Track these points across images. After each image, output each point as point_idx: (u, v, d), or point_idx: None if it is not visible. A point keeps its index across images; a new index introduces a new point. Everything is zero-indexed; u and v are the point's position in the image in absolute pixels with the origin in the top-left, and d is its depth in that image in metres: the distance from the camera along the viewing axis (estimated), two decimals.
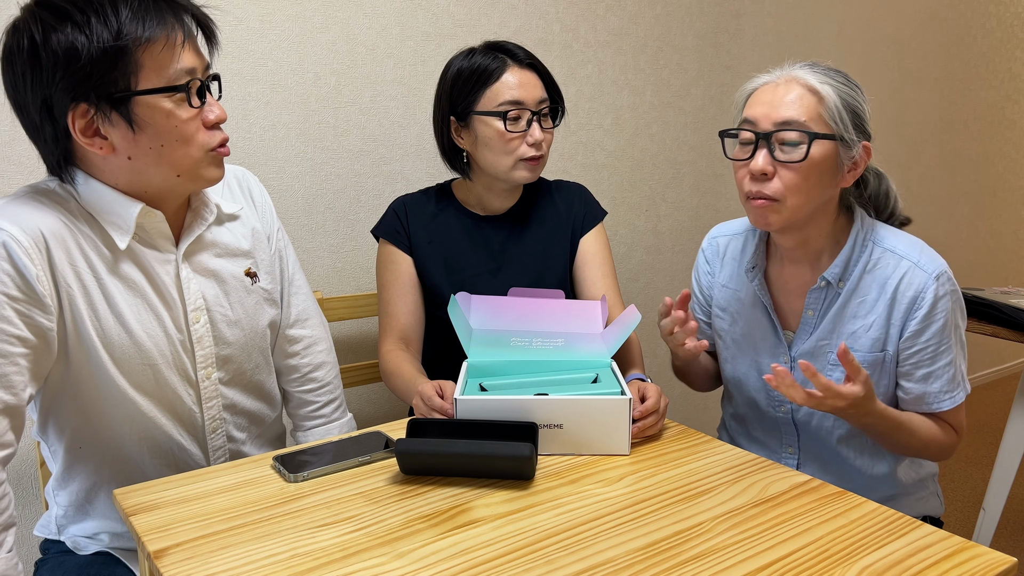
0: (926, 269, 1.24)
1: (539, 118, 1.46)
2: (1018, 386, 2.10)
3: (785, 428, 1.38)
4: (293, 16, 1.73)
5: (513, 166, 1.46)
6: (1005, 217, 3.74)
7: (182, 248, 1.12)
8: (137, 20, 0.95)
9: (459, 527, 0.96)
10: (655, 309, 2.51)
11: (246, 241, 1.22)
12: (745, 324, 1.39)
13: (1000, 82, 3.52)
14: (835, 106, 1.19)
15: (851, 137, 1.21)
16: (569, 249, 1.58)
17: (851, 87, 1.22)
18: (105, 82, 0.96)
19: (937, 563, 0.89)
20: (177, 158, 1.04)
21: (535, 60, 1.48)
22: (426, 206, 1.57)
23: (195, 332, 1.12)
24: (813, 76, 1.22)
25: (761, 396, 1.39)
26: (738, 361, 1.41)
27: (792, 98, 1.21)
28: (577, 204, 1.60)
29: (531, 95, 1.45)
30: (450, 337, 1.42)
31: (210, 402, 1.18)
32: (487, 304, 1.38)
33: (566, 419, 1.15)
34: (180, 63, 1.00)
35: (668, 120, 2.43)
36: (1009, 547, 2.42)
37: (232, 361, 1.19)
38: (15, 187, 1.48)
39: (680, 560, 0.89)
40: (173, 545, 0.92)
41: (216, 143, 1.06)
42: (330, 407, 1.41)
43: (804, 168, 1.19)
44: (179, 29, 1.00)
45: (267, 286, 1.25)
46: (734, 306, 1.41)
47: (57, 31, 0.93)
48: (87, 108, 0.97)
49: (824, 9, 2.74)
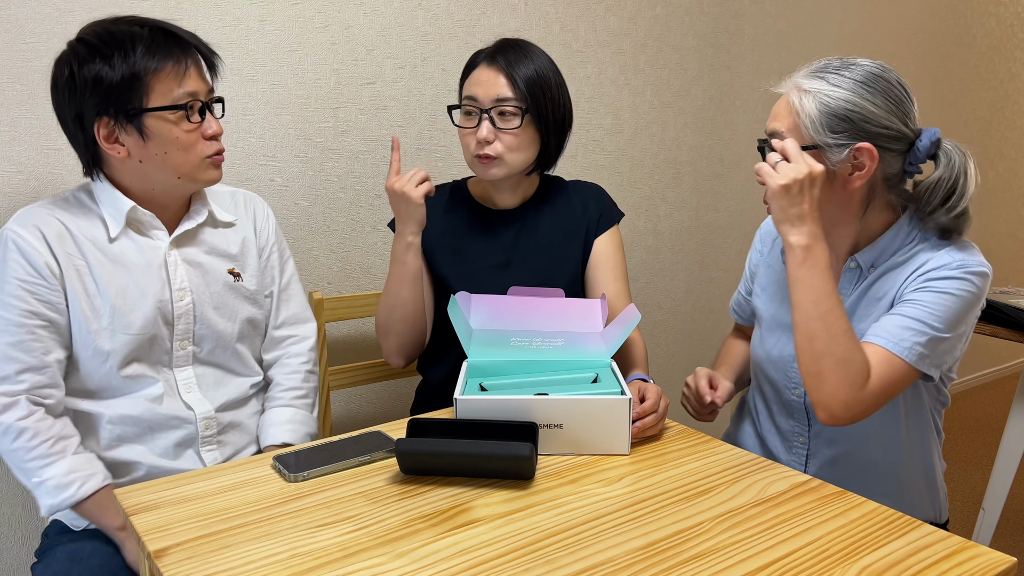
0: (955, 257, 1.20)
1: (490, 117, 1.44)
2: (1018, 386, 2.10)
3: (798, 415, 1.38)
4: (293, 16, 1.73)
5: (471, 161, 1.48)
6: (1005, 217, 3.74)
7: (171, 238, 1.33)
8: (149, 55, 1.20)
9: (459, 527, 0.96)
10: (655, 309, 2.51)
11: (235, 247, 1.41)
12: (780, 305, 1.39)
13: (1000, 82, 3.52)
14: (812, 113, 1.19)
15: (835, 143, 1.18)
16: (582, 249, 1.57)
17: (848, 91, 1.19)
18: (122, 101, 1.20)
19: (937, 563, 0.89)
20: (178, 163, 1.26)
21: (508, 58, 1.45)
22: (440, 199, 1.58)
23: (178, 309, 1.33)
24: (806, 81, 1.21)
25: (780, 376, 1.39)
26: (766, 339, 1.41)
27: (780, 108, 1.23)
28: (593, 205, 1.59)
29: (486, 92, 1.43)
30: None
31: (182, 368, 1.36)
32: (487, 304, 1.38)
33: (566, 419, 1.15)
34: (183, 87, 1.24)
35: (668, 120, 2.43)
36: (1009, 547, 2.42)
37: (207, 340, 1.36)
38: (15, 187, 1.49)
39: (680, 560, 0.89)
40: (173, 545, 0.92)
41: (212, 152, 1.29)
42: (293, 393, 1.47)
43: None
44: (183, 61, 1.24)
45: (250, 287, 1.42)
46: (772, 287, 1.42)
47: (88, 63, 1.19)
48: (108, 121, 1.22)
49: (824, 9, 2.74)
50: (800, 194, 1.15)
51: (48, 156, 1.51)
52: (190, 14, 1.60)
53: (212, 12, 1.63)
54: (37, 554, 1.29)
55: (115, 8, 1.51)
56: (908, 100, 1.22)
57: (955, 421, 3.37)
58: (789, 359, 1.36)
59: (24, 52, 1.46)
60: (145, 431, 1.31)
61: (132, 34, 1.21)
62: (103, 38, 1.20)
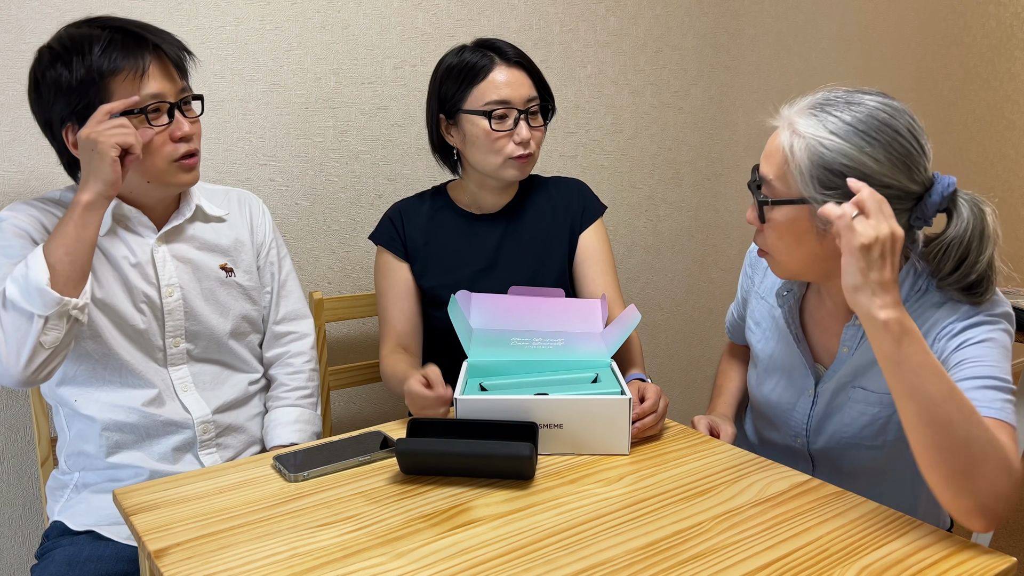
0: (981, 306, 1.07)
1: (527, 116, 1.46)
2: (1018, 386, 2.10)
3: (801, 455, 1.31)
4: (293, 16, 1.73)
5: (502, 164, 1.46)
6: (1005, 217, 3.72)
7: (159, 234, 1.32)
8: (105, 56, 1.17)
9: (459, 527, 0.96)
10: (655, 309, 2.51)
11: (227, 242, 1.40)
12: (776, 346, 1.30)
13: (1000, 82, 3.52)
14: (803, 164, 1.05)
15: (823, 198, 1.04)
16: (567, 246, 1.57)
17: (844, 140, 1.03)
18: (83, 106, 1.18)
19: (937, 563, 0.89)
20: (145, 166, 1.23)
21: (524, 58, 1.47)
22: (421, 208, 1.57)
23: (167, 305, 1.31)
24: (802, 121, 1.06)
25: (780, 422, 1.31)
26: (764, 381, 1.33)
27: (772, 149, 1.10)
28: (575, 200, 1.59)
29: (518, 94, 1.44)
30: (449, 338, 1.42)
31: (178, 367, 1.34)
32: (487, 303, 1.38)
33: (566, 419, 1.15)
34: (145, 89, 1.19)
35: (668, 120, 2.43)
36: (1009, 547, 2.42)
37: (201, 337, 1.35)
38: (15, 187, 1.49)
39: (680, 560, 0.89)
40: (173, 545, 0.93)
41: (180, 154, 1.24)
42: (299, 393, 1.46)
43: (773, 227, 1.11)
44: (141, 62, 1.19)
45: (244, 282, 1.41)
46: (767, 323, 1.32)
47: (50, 68, 1.18)
48: (74, 126, 1.19)
49: (824, 9, 2.75)
50: (882, 258, 0.95)
51: (48, 156, 1.51)
52: (190, 14, 1.60)
53: (212, 12, 1.63)
54: (37, 555, 1.29)
55: (115, 8, 1.51)
56: (918, 152, 1.05)
57: None
58: (788, 407, 1.28)
59: (24, 52, 1.46)
60: (142, 437, 1.30)
61: (91, 36, 1.18)
62: (64, 42, 1.19)
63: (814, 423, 1.26)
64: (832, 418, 1.24)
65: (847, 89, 1.09)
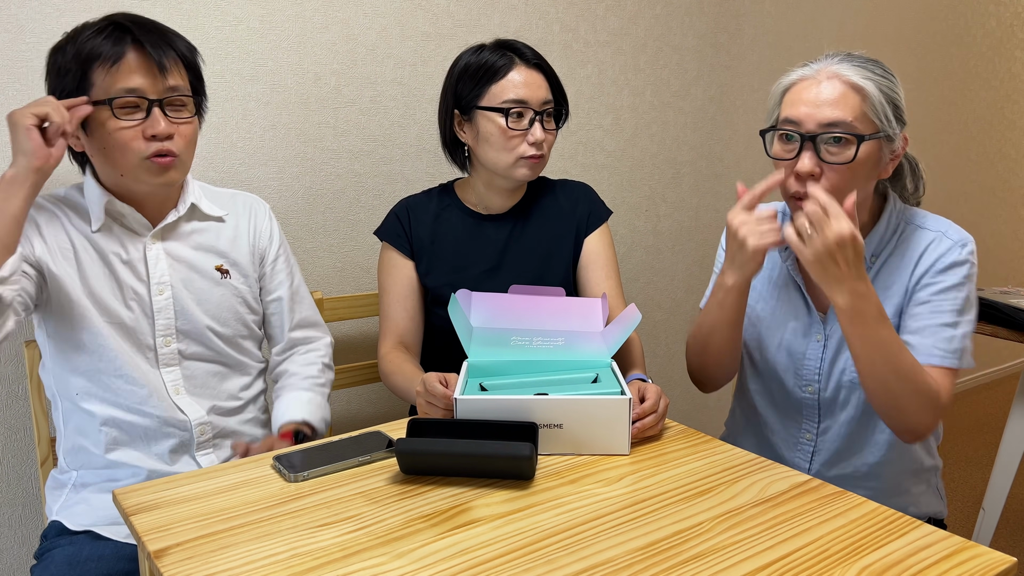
0: (952, 238, 1.26)
1: (542, 118, 1.47)
2: (1018, 386, 2.10)
3: (807, 412, 1.38)
4: (293, 16, 1.73)
5: (513, 163, 1.47)
6: (1005, 217, 3.74)
7: (153, 231, 1.32)
8: (88, 45, 1.19)
9: (459, 527, 0.96)
10: (655, 309, 2.51)
11: (224, 243, 1.39)
12: (775, 303, 1.39)
13: (1000, 82, 3.52)
14: (879, 102, 1.20)
15: (894, 131, 1.22)
16: (572, 249, 1.58)
17: (888, 78, 1.22)
18: (68, 91, 1.20)
19: (937, 563, 0.89)
20: (117, 160, 1.23)
21: (543, 61, 1.49)
22: (428, 206, 1.57)
23: (156, 303, 1.31)
24: (853, 71, 1.21)
25: (789, 376, 1.38)
26: (768, 340, 1.40)
27: (836, 97, 1.20)
28: (582, 203, 1.60)
29: (535, 95, 1.45)
30: (450, 337, 1.42)
31: (169, 369, 1.33)
32: (487, 302, 1.38)
33: (566, 419, 1.15)
34: (123, 83, 1.19)
35: (668, 120, 2.43)
36: (1009, 547, 2.42)
37: (192, 336, 1.35)
38: None
39: (680, 560, 0.89)
40: (173, 545, 0.92)
41: (150, 153, 1.23)
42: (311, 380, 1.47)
43: (852, 168, 1.20)
44: (119, 55, 1.19)
45: (240, 285, 1.40)
46: (762, 284, 1.42)
47: (54, 53, 1.22)
48: None
49: (824, 9, 2.75)
50: (832, 260, 1.13)
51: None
52: (190, 14, 1.60)
53: (212, 12, 1.63)
54: (36, 555, 1.29)
55: (115, 8, 1.51)
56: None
57: (955, 421, 3.37)
58: (799, 356, 1.36)
59: (24, 52, 1.46)
60: (139, 437, 1.30)
61: (90, 25, 1.21)
62: (73, 29, 1.22)
63: (826, 366, 1.35)
64: (841, 356, 1.33)
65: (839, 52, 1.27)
